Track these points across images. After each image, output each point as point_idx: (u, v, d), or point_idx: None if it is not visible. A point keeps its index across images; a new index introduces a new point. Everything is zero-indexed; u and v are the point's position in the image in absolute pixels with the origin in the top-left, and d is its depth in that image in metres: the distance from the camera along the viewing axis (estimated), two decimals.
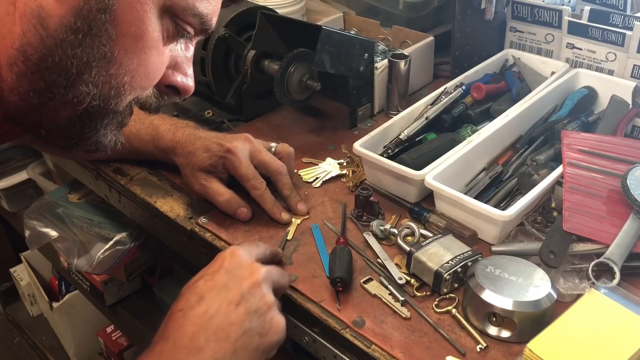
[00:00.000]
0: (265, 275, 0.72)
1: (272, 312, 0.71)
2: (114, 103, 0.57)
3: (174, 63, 0.62)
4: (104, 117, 0.58)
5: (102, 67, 0.54)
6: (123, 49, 0.55)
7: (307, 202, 0.94)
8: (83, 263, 1.29)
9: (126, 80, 0.56)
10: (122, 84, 0.56)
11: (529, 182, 0.87)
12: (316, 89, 1.05)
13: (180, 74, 0.64)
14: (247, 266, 0.72)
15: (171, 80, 0.63)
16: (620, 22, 1.07)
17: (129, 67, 0.56)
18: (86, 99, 0.55)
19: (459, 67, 1.17)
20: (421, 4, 1.35)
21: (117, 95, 0.57)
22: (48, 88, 0.54)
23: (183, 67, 0.64)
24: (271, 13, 1.09)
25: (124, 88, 0.57)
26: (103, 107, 0.57)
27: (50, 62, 0.52)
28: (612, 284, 0.72)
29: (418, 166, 0.89)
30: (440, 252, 0.78)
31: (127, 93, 0.58)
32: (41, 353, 2.06)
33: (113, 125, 0.60)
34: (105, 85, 0.55)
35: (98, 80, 0.55)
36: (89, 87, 0.55)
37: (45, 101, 0.54)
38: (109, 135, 0.61)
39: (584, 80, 1.08)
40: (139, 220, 1.04)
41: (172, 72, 0.63)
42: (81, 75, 0.54)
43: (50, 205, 1.34)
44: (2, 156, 1.78)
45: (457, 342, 0.70)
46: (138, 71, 0.57)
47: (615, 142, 0.92)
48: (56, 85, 0.54)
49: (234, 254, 0.74)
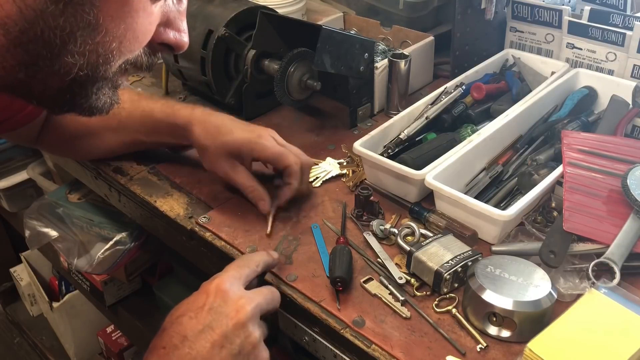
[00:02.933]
0: (252, 313, 0.69)
1: (256, 351, 0.69)
2: (103, 70, 0.55)
3: (165, 19, 0.59)
4: (94, 83, 0.56)
5: (87, 36, 0.52)
6: (108, 15, 0.52)
7: (307, 202, 0.94)
8: (83, 263, 1.29)
9: (114, 46, 0.54)
10: (109, 51, 0.54)
11: (529, 182, 0.87)
12: (316, 88, 1.05)
13: (172, 30, 0.60)
14: (233, 303, 0.69)
15: (163, 38, 0.60)
16: (620, 22, 1.07)
17: (116, 33, 0.53)
18: (73, 69, 0.53)
19: (459, 67, 1.17)
20: (421, 4, 1.35)
21: (105, 62, 0.54)
22: (33, 61, 0.51)
23: (176, 23, 0.60)
24: (271, 13, 1.09)
25: (112, 54, 0.54)
26: (92, 75, 0.54)
27: (32, 34, 0.50)
28: (612, 284, 0.72)
29: (418, 166, 0.89)
30: (440, 252, 0.78)
31: (116, 59, 0.55)
32: (41, 353, 2.06)
33: (105, 88, 0.58)
34: (92, 54, 0.53)
35: (84, 50, 0.52)
36: (75, 57, 0.52)
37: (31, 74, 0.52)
38: (103, 98, 0.58)
39: (584, 80, 1.08)
40: (139, 220, 1.04)
41: (163, 29, 0.60)
42: (66, 46, 0.51)
43: (50, 205, 1.34)
44: (2, 156, 1.78)
45: (457, 341, 0.70)
46: (126, 36, 0.54)
47: (615, 142, 0.92)
48: (41, 58, 0.51)
49: (219, 289, 0.70)
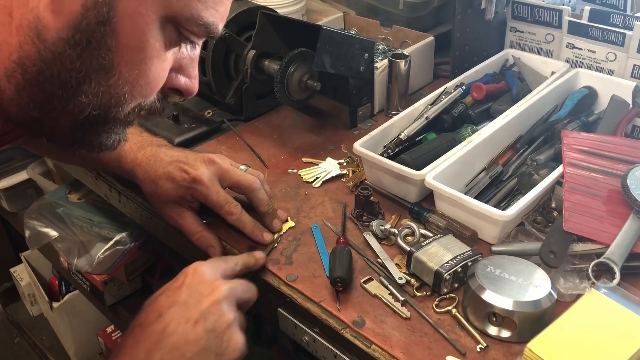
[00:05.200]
0: (227, 292, 0.71)
1: (230, 330, 0.69)
2: (115, 111, 0.56)
3: (177, 65, 0.61)
4: (105, 124, 0.57)
5: (101, 78, 0.53)
6: (123, 60, 0.53)
7: (307, 202, 0.94)
8: (83, 263, 1.29)
9: (126, 90, 0.55)
10: (122, 93, 0.55)
11: (529, 182, 0.87)
12: (316, 89, 1.05)
13: (184, 76, 0.62)
14: (209, 283, 0.71)
15: (174, 84, 0.62)
16: (620, 22, 1.07)
17: (129, 78, 0.55)
18: (86, 109, 0.54)
19: (459, 67, 1.17)
20: (421, 4, 1.35)
21: (117, 105, 0.56)
22: (47, 99, 0.53)
23: (188, 70, 0.62)
24: (271, 13, 1.09)
25: (124, 97, 0.56)
26: (104, 115, 0.56)
27: (49, 74, 0.51)
28: (612, 284, 0.72)
29: (418, 166, 0.89)
30: (440, 252, 0.78)
31: (128, 102, 0.57)
32: (41, 353, 2.06)
33: (117, 128, 0.60)
34: (105, 95, 0.54)
35: (97, 91, 0.54)
36: (89, 97, 0.53)
37: (45, 112, 0.54)
38: (113, 136, 0.60)
39: (584, 80, 1.08)
40: (139, 220, 1.04)
41: (175, 75, 0.61)
42: (80, 87, 0.53)
43: (50, 205, 1.34)
44: (2, 156, 1.78)
45: (457, 342, 0.70)
46: (138, 81, 0.56)
47: (615, 142, 0.92)
48: (56, 97, 0.53)
49: (197, 270, 0.72)
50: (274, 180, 0.99)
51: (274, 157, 1.05)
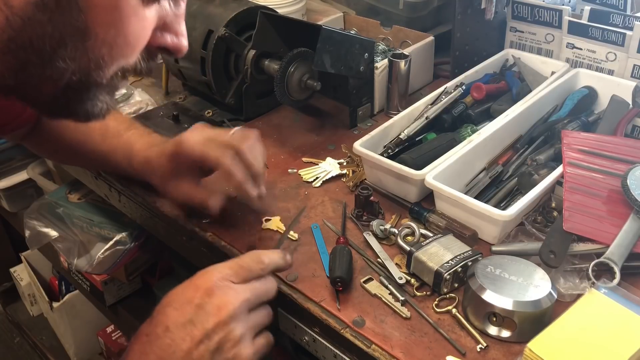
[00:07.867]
0: (235, 311, 0.68)
1: (237, 348, 0.68)
2: (96, 75, 0.54)
3: (162, 23, 0.58)
4: (88, 89, 0.55)
5: (77, 41, 0.51)
6: (97, 20, 0.51)
7: (307, 202, 0.94)
8: (83, 263, 1.29)
9: (104, 51, 0.53)
10: (100, 56, 0.53)
11: (529, 182, 0.87)
12: (316, 88, 1.05)
13: (170, 33, 0.59)
14: (217, 299, 0.68)
15: (160, 42, 0.59)
16: (620, 22, 1.07)
17: (106, 39, 0.52)
18: (65, 74, 0.52)
19: (459, 67, 1.17)
20: (421, 4, 1.35)
21: (97, 68, 0.54)
22: (22, 67, 0.51)
23: (173, 27, 0.59)
24: (271, 13, 1.09)
25: (104, 60, 0.53)
26: (85, 80, 0.54)
27: (21, 41, 0.49)
28: (612, 284, 0.72)
29: (418, 166, 0.89)
30: (440, 252, 0.78)
31: (109, 64, 0.54)
32: (41, 353, 2.06)
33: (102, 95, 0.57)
34: (83, 59, 0.52)
35: (74, 55, 0.51)
36: (67, 62, 0.51)
37: (23, 80, 0.52)
38: (99, 104, 0.58)
39: (584, 80, 1.08)
40: (139, 220, 1.04)
41: (160, 33, 0.58)
42: (56, 52, 0.51)
43: (50, 205, 1.34)
44: (2, 156, 1.78)
45: (457, 342, 0.70)
46: (117, 42, 0.53)
47: (615, 142, 0.92)
48: (30, 64, 0.51)
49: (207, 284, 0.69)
50: (274, 180, 0.99)
51: (274, 157, 1.05)
